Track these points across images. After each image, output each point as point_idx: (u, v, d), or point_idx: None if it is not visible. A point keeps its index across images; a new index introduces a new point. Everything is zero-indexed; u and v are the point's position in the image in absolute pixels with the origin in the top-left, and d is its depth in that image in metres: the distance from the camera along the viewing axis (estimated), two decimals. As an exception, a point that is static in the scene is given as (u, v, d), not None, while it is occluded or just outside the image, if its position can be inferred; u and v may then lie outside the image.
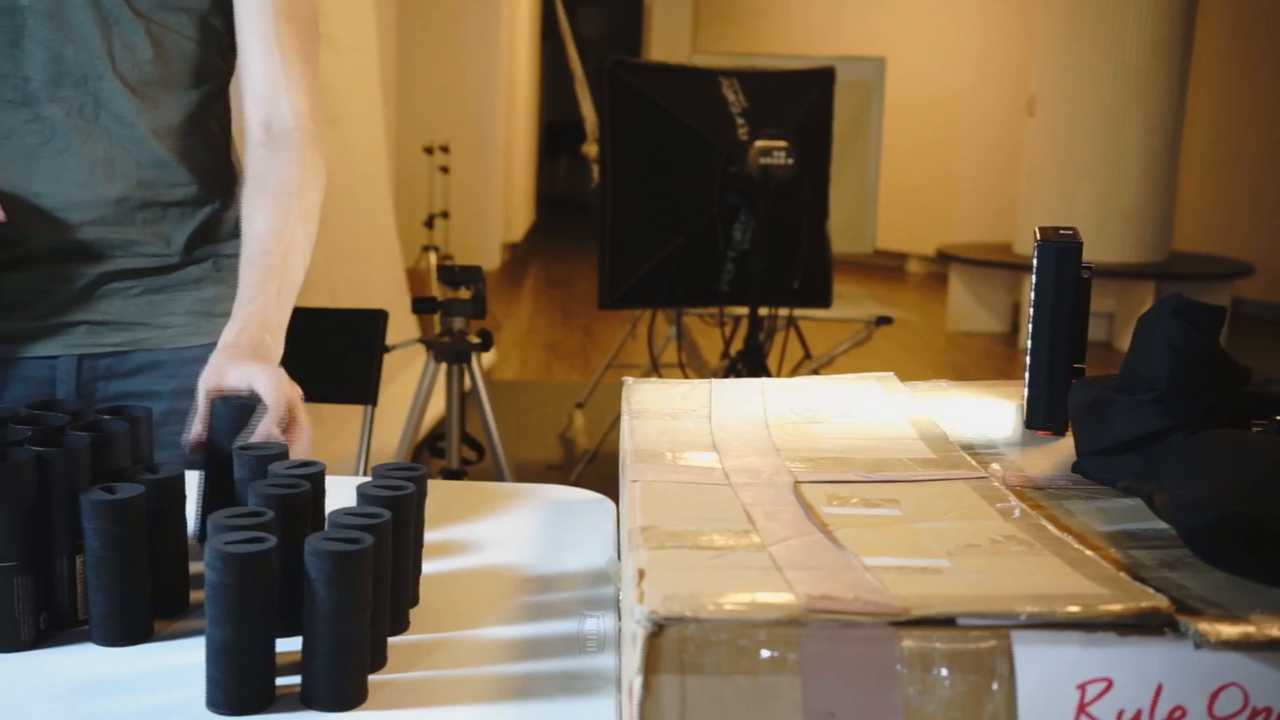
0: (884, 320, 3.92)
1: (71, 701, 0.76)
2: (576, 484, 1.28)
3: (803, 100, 3.43)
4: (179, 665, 0.82)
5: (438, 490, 1.11)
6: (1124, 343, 6.77)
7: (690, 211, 3.33)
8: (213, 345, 1.27)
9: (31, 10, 1.15)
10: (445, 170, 6.53)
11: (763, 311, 3.41)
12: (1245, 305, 7.80)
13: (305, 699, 0.76)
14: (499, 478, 2.18)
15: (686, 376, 4.10)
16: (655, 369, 3.67)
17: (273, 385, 0.98)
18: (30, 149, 1.14)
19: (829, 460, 0.91)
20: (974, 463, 0.90)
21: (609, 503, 1.20)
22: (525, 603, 0.95)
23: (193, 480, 0.97)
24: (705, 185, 3.29)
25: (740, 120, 3.32)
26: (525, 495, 1.22)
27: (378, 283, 4.43)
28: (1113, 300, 6.86)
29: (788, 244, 3.33)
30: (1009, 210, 8.08)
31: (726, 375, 3.49)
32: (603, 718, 0.77)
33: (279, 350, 1.09)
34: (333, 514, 0.81)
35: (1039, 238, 1.01)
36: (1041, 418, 1.00)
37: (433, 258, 6.17)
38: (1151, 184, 6.66)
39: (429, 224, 6.35)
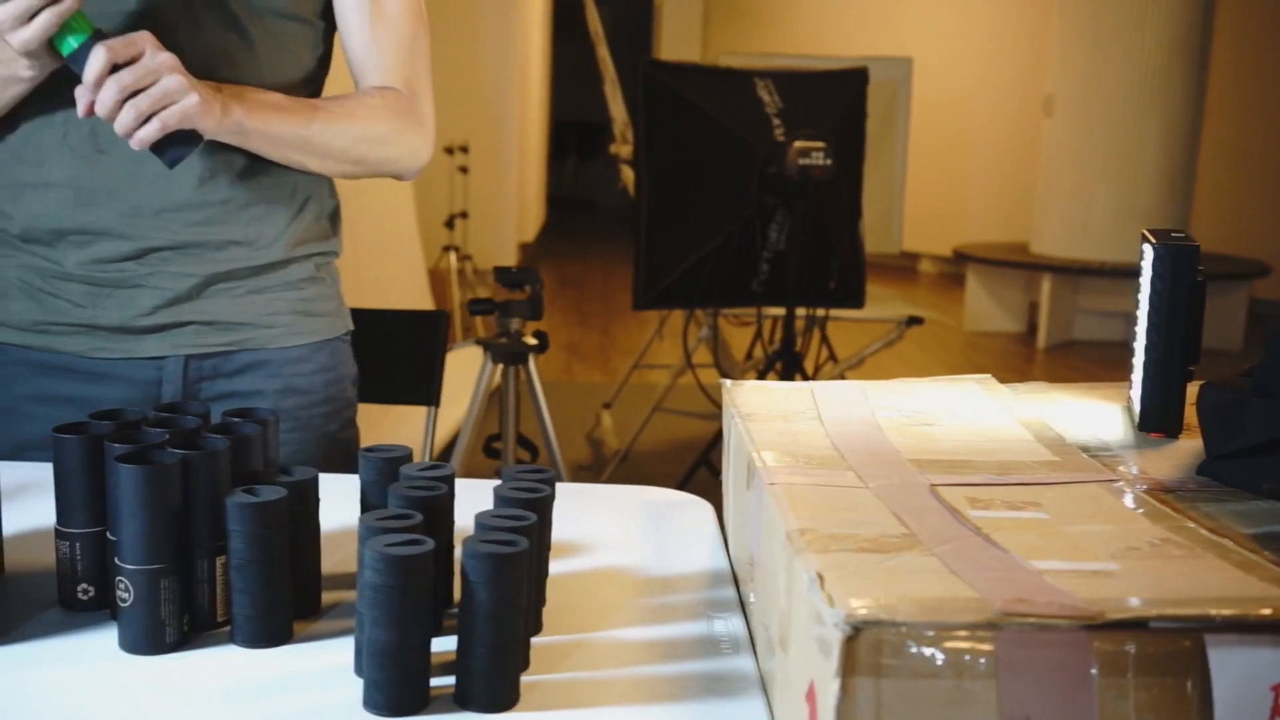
0: (915, 320, 3.92)
1: (226, 704, 0.77)
2: (609, 484, 1.29)
3: (838, 101, 3.44)
4: (324, 666, 0.82)
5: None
6: (1142, 343, 6.77)
7: (725, 212, 3.34)
8: (314, 344, 1.29)
9: (142, 15, 1.15)
10: (465, 170, 6.53)
11: (798, 312, 3.41)
12: (1262, 305, 7.80)
13: (461, 700, 0.77)
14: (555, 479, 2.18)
15: (722, 376, 4.10)
16: (691, 369, 3.67)
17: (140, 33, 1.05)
18: (141, 150, 1.14)
19: (954, 463, 0.91)
20: (1100, 465, 0.91)
21: (707, 505, 1.21)
22: (648, 604, 0.95)
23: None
24: (741, 186, 3.30)
25: (776, 121, 3.32)
26: (622, 497, 1.23)
27: (401, 283, 4.43)
28: (1130, 300, 6.85)
29: (823, 244, 3.33)
30: (1020, 210, 8.09)
31: (763, 375, 3.49)
32: (753, 718, 0.77)
33: (226, 96, 1.13)
34: (479, 516, 0.81)
35: (1153, 241, 1.01)
36: (1155, 420, 1.01)
37: (453, 258, 6.17)
38: (1169, 184, 6.66)
39: (449, 224, 6.36)
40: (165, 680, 0.79)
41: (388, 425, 2.67)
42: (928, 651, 0.59)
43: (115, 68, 1.04)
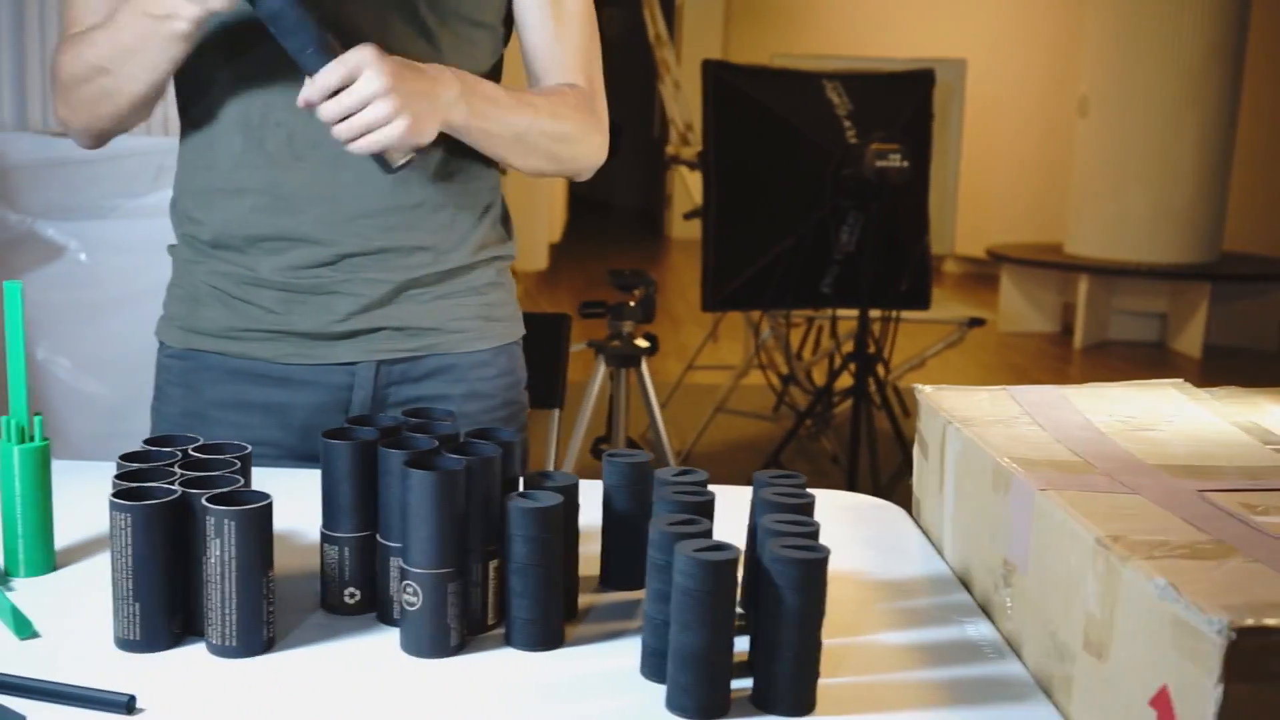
0: (976, 322, 3.93)
1: (518, 708, 0.77)
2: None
3: (906, 102, 3.45)
4: (606, 669, 0.83)
5: (724, 495, 1.13)
6: (1177, 343, 6.78)
7: (795, 214, 3.34)
8: (495, 349, 1.30)
9: (336, 22, 1.16)
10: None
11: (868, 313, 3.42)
12: (1294, 306, 7.79)
13: (763, 704, 0.77)
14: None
15: (782, 377, 4.11)
16: (763, 371, 3.68)
17: (360, 53, 1.06)
18: (336, 156, 1.15)
19: (1199, 468, 0.92)
20: (1347, 471, 0.92)
21: (898, 508, 1.21)
22: (890, 609, 0.96)
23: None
24: (812, 187, 3.30)
25: (847, 123, 3.33)
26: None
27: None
28: (1165, 301, 6.87)
29: (895, 246, 3.34)
30: (1050, 211, 8.09)
31: (835, 378, 3.51)
32: (1047, 722, 0.78)
33: (440, 93, 1.13)
34: (763, 520, 0.82)
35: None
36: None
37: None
38: (1204, 185, 6.67)
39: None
40: (450, 684, 0.80)
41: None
42: (1307, 657, 0.60)
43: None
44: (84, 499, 1.08)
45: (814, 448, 4.13)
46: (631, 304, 2.09)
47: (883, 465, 3.47)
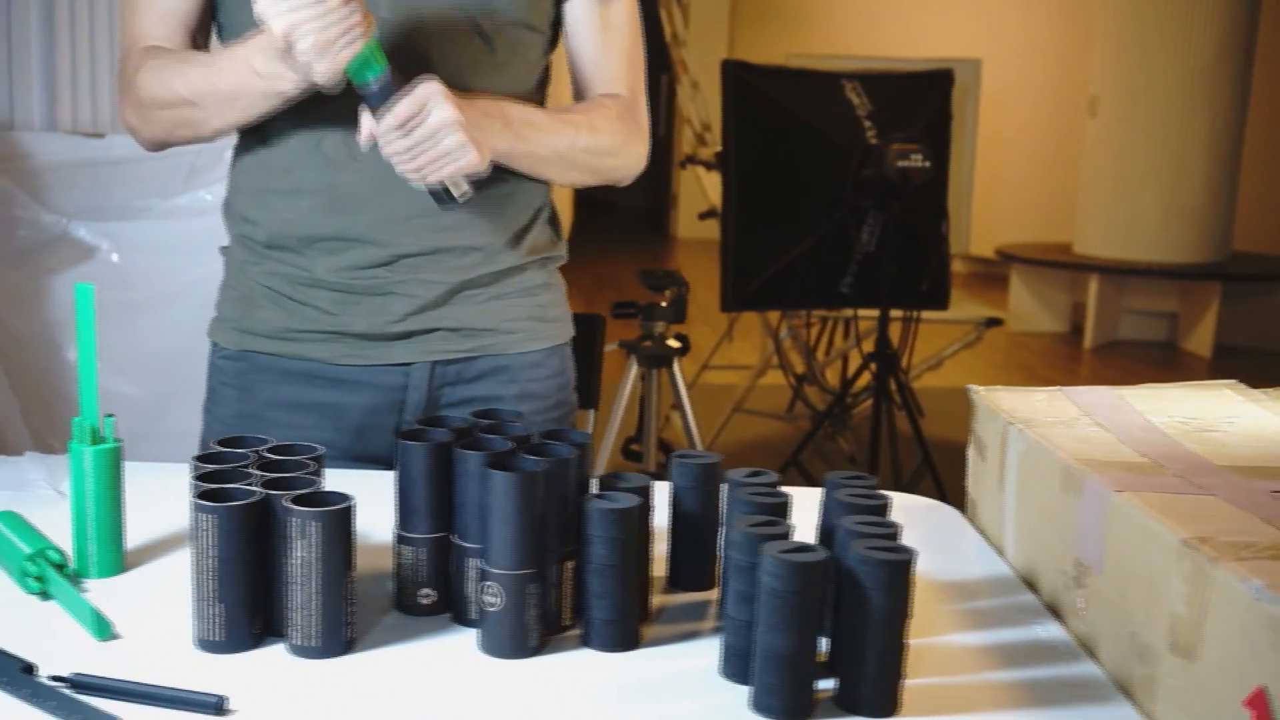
0: (994, 322, 3.93)
1: (601, 709, 0.78)
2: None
3: (926, 102, 3.45)
4: (683, 669, 0.83)
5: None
6: (1188, 343, 6.78)
7: (815, 214, 3.35)
8: (547, 349, 1.30)
9: (390, 24, 1.17)
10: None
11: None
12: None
13: (848, 705, 0.78)
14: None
15: (797, 376, 4.11)
16: (785, 369, 3.68)
17: (427, 86, 1.08)
18: None
19: (1268, 469, 0.92)
20: None
21: (951, 509, 1.22)
22: (958, 610, 0.96)
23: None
24: (832, 187, 3.31)
25: (868, 123, 3.33)
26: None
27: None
28: (1175, 300, 6.87)
29: (915, 246, 3.34)
30: (1057, 211, 8.09)
31: (856, 378, 3.51)
32: (1130, 723, 0.78)
33: (493, 132, 1.15)
34: (841, 523, 0.82)
35: None
36: None
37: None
38: (1215, 184, 6.66)
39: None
40: (531, 685, 0.80)
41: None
42: None
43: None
44: (146, 499, 1.08)
45: (830, 448, 4.13)
46: (663, 304, 2.10)
47: (903, 465, 3.48)
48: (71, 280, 2.22)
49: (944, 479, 3.36)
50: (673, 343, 2.17)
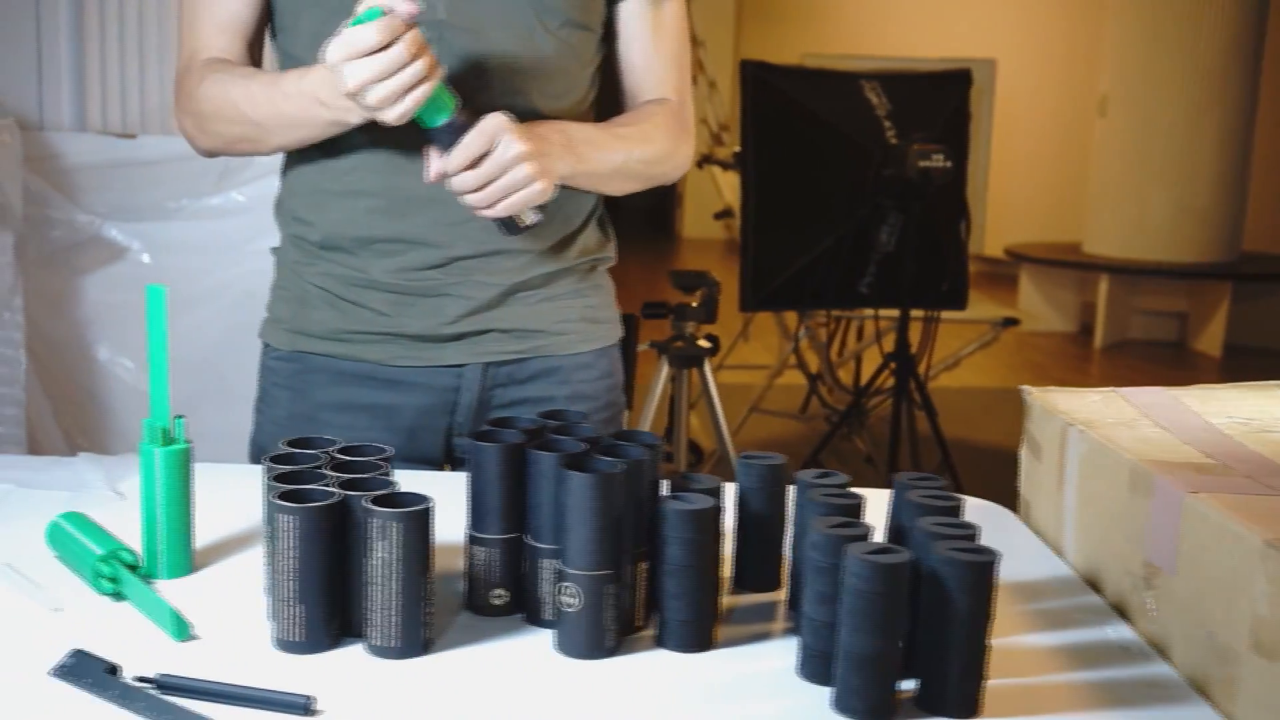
0: (1011, 322, 3.93)
1: (682, 710, 0.78)
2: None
3: (945, 103, 3.45)
4: (760, 670, 0.84)
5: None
6: (1197, 343, 6.79)
7: (834, 214, 3.35)
8: (597, 350, 1.30)
9: (449, 25, 1.17)
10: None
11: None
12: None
13: (931, 705, 0.78)
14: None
15: (811, 376, 4.11)
16: (802, 369, 3.68)
17: (493, 120, 1.08)
18: None
19: (1335, 470, 0.92)
20: None
21: (1004, 510, 1.22)
22: (1025, 611, 0.96)
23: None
24: (852, 187, 3.31)
25: (887, 123, 3.33)
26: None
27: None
28: (1184, 300, 6.88)
29: (934, 246, 3.34)
30: (1065, 210, 8.09)
31: (875, 378, 3.51)
32: (1209, 723, 0.78)
33: (557, 157, 1.15)
34: (921, 523, 0.83)
35: None
36: None
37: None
38: (1224, 184, 6.67)
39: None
40: (609, 685, 0.81)
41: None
42: None
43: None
44: (209, 500, 1.08)
45: (846, 447, 4.14)
46: (694, 304, 2.10)
47: (922, 465, 3.48)
48: (103, 281, 2.23)
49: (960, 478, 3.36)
50: (703, 343, 2.18)
